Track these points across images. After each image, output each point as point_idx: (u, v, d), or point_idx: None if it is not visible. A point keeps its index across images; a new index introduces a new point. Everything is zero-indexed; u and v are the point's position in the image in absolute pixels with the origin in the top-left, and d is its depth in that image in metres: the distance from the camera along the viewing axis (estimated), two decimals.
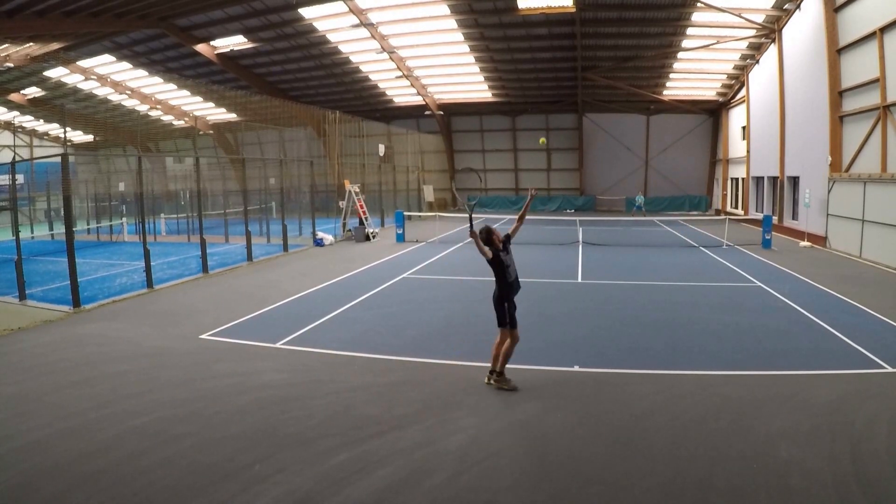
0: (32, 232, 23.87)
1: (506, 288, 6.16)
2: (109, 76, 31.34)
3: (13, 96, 33.02)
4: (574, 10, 22.35)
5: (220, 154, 36.56)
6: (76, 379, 6.64)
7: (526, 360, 7.05)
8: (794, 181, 21.56)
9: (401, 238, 20.18)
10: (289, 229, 18.51)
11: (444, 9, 23.84)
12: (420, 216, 28.89)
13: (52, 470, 4.54)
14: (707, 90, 31.92)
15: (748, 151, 27.17)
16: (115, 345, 8.04)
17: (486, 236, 6.13)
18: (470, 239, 6.10)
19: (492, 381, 6.23)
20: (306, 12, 24.16)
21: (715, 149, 34.50)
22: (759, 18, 22.24)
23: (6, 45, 23.75)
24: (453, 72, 31.59)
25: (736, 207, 30.52)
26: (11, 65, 26.63)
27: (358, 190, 21.85)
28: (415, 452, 4.81)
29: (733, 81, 29.65)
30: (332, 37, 26.70)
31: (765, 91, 24.67)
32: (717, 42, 24.79)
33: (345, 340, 8.08)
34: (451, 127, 38.32)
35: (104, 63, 29.24)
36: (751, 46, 25.04)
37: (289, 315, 9.66)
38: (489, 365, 6.40)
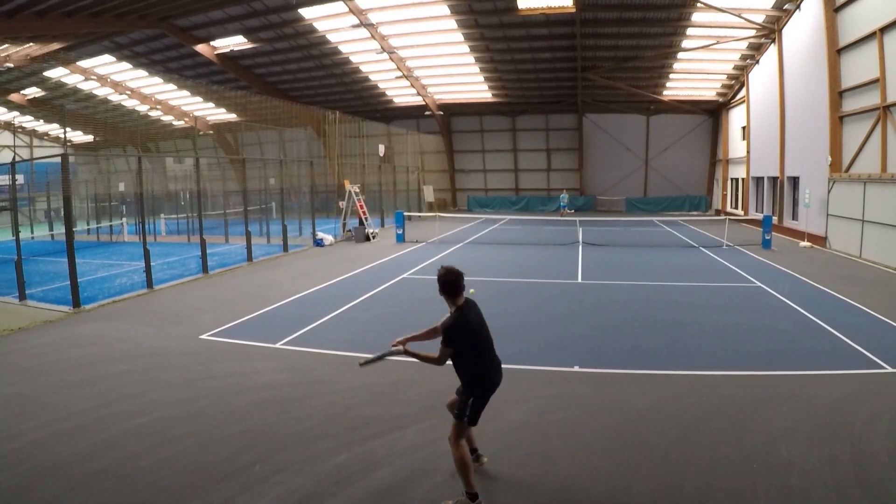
0: (32, 232, 23.85)
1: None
2: (109, 76, 31.35)
3: (13, 96, 33.02)
4: (574, 10, 22.34)
5: (220, 154, 36.56)
6: (76, 379, 6.64)
7: (526, 360, 7.07)
8: (794, 181, 21.55)
9: (401, 238, 20.17)
10: (289, 229, 18.51)
11: (444, 9, 23.83)
12: (420, 216, 28.89)
13: (52, 470, 4.54)
14: (707, 90, 31.90)
15: (748, 152, 27.15)
16: (115, 345, 8.04)
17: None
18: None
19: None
20: (306, 12, 24.15)
21: (715, 149, 34.48)
22: (759, 19, 22.23)
23: (6, 45, 23.75)
24: (453, 72, 31.56)
25: (736, 208, 30.50)
26: (11, 65, 26.64)
27: (358, 190, 21.86)
28: (415, 452, 4.81)
29: (733, 82, 29.63)
30: (332, 37, 26.69)
31: (765, 91, 24.65)
32: (717, 42, 24.78)
33: (345, 340, 8.08)
34: (451, 127, 38.30)
35: (104, 63, 29.25)
36: (751, 46, 25.04)
37: (289, 315, 9.66)
38: None
